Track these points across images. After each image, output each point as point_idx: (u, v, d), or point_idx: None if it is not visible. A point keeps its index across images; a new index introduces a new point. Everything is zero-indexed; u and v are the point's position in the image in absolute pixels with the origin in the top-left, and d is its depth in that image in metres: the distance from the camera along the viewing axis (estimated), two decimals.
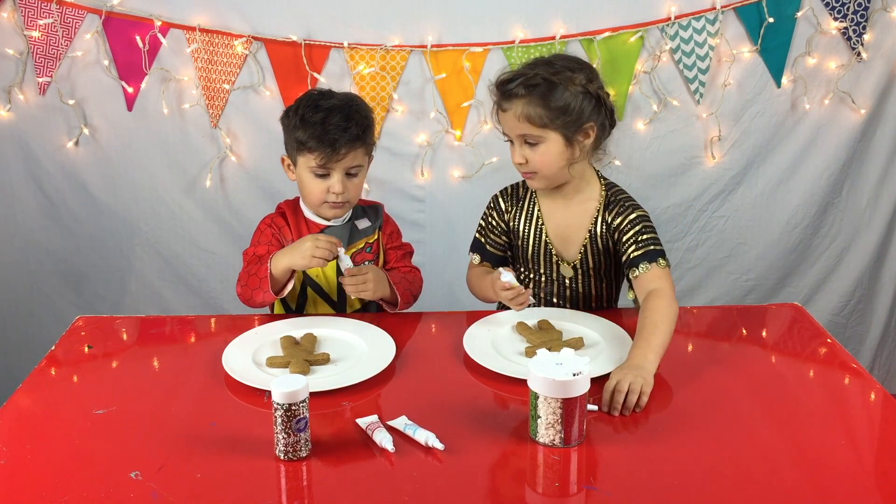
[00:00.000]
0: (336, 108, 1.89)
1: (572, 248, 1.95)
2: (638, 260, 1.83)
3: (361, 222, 2.02)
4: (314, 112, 1.89)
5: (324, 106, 1.89)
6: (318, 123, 1.87)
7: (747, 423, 1.46)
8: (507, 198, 2.01)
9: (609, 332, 1.77)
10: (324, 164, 1.88)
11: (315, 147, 1.87)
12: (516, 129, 1.84)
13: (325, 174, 1.90)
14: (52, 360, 1.72)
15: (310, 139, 1.87)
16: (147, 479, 1.30)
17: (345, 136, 1.87)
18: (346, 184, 1.91)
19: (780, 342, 1.83)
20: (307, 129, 1.88)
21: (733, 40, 2.63)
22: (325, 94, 1.96)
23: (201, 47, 2.56)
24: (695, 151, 2.72)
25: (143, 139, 2.65)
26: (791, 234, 2.82)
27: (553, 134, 1.81)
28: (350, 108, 1.90)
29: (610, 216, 1.90)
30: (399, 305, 1.95)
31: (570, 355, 1.43)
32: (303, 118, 1.89)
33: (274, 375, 1.59)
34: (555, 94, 1.79)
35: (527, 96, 1.80)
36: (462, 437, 1.41)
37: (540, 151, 1.83)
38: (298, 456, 1.36)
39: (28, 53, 2.55)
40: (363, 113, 1.93)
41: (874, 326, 2.94)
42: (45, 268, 2.76)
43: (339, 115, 1.88)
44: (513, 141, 1.87)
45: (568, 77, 1.80)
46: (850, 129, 2.73)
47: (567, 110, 1.80)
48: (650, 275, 1.80)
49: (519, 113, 1.81)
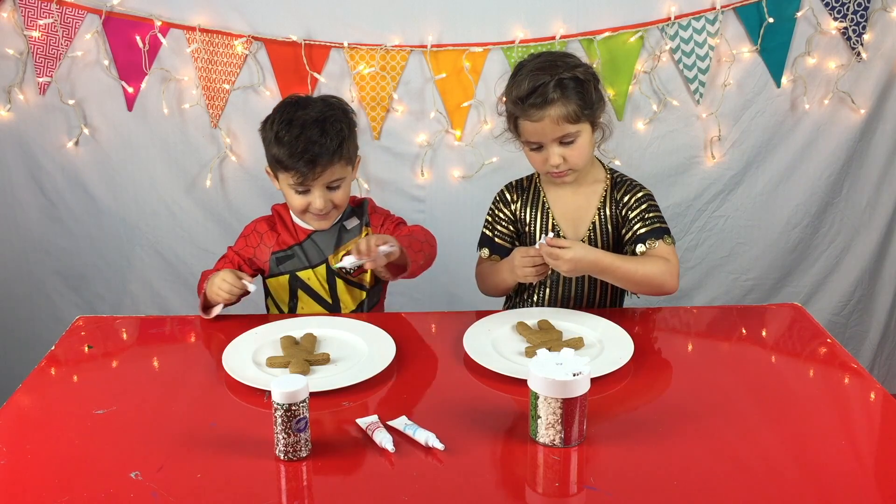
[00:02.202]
0: (310, 123, 1.84)
1: (580, 228, 1.98)
2: (645, 236, 1.90)
3: (350, 222, 2.01)
4: (288, 129, 1.85)
5: (298, 121, 1.85)
6: (291, 143, 1.83)
7: (747, 423, 1.46)
8: (513, 189, 2.04)
9: (609, 333, 1.77)
10: (301, 183, 1.86)
11: (291, 167, 1.85)
12: (554, 132, 1.85)
13: (306, 190, 1.88)
14: (52, 360, 1.72)
15: (286, 158, 1.84)
16: (147, 479, 1.31)
17: (320, 154, 1.83)
18: (327, 197, 1.89)
19: (780, 342, 1.83)
20: (281, 147, 1.84)
21: (733, 40, 2.63)
22: (300, 103, 1.91)
23: (201, 47, 2.56)
24: (695, 151, 2.73)
25: (143, 139, 2.65)
26: (791, 234, 2.82)
27: (585, 125, 1.87)
28: (325, 122, 1.85)
29: (619, 194, 1.97)
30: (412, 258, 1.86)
31: (570, 355, 1.43)
32: (277, 136, 1.85)
33: (274, 375, 1.59)
34: (584, 87, 1.85)
35: (562, 98, 1.83)
36: (462, 437, 1.41)
37: (577, 146, 1.88)
38: (298, 456, 1.36)
39: (28, 53, 2.55)
40: (340, 124, 1.88)
41: (874, 326, 2.93)
42: (45, 268, 2.76)
43: (314, 131, 1.83)
44: (541, 146, 1.88)
45: (582, 67, 1.87)
46: (849, 129, 2.73)
47: (593, 98, 1.87)
48: (657, 251, 1.89)
49: (557, 116, 1.83)
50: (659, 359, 1.72)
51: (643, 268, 1.85)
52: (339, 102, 1.96)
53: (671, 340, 1.84)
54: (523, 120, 1.87)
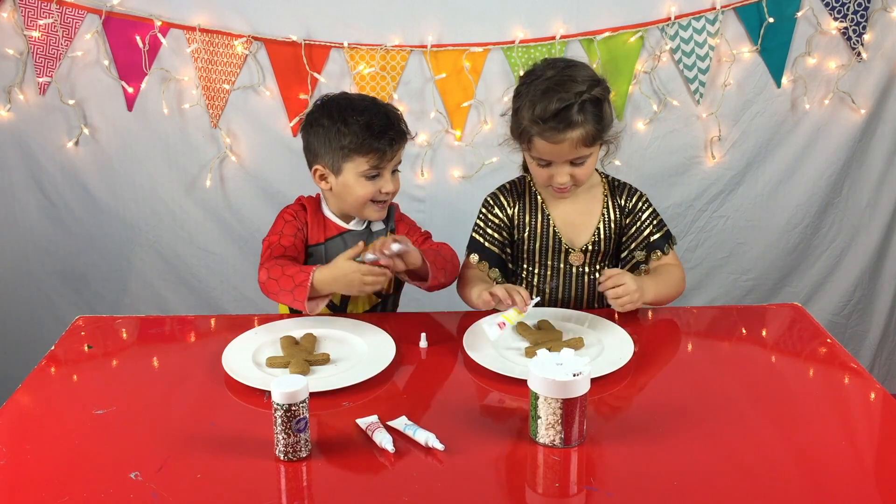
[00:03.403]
0: (372, 109, 1.89)
1: (583, 234, 1.97)
2: (658, 243, 1.97)
3: (376, 224, 2.01)
4: (357, 115, 1.86)
5: (360, 108, 1.88)
6: (366, 127, 1.85)
7: (747, 423, 1.46)
8: (508, 194, 2.02)
9: (609, 333, 1.77)
10: (377, 166, 1.88)
11: (368, 150, 1.86)
12: (570, 154, 1.83)
13: (376, 175, 1.89)
14: (52, 360, 1.72)
15: (361, 144, 1.85)
16: (147, 480, 1.30)
17: (395, 135, 1.88)
18: (393, 181, 1.93)
19: (780, 342, 1.83)
20: (356, 134, 1.85)
21: (733, 40, 2.63)
22: (348, 97, 1.94)
23: (201, 47, 2.56)
24: (695, 151, 2.73)
25: (143, 139, 2.65)
26: (791, 234, 2.82)
27: (598, 145, 1.86)
28: (385, 107, 1.92)
29: (622, 199, 1.98)
30: (432, 273, 1.88)
31: (570, 356, 1.43)
32: (346, 123, 1.86)
33: (274, 376, 1.59)
34: (602, 110, 1.82)
35: (584, 122, 1.79)
36: (462, 437, 1.41)
37: (586, 166, 1.87)
38: (298, 456, 1.36)
39: (28, 53, 2.55)
40: (394, 110, 1.94)
41: (874, 326, 2.94)
42: (45, 268, 2.76)
43: (380, 116, 1.88)
44: (549, 163, 1.86)
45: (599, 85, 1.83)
46: (850, 129, 2.73)
47: (608, 119, 1.85)
48: (668, 258, 1.97)
49: (577, 139, 1.80)
50: (659, 359, 1.72)
51: (668, 287, 1.93)
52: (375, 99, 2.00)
53: (671, 340, 1.84)
54: (539, 139, 1.82)
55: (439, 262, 1.91)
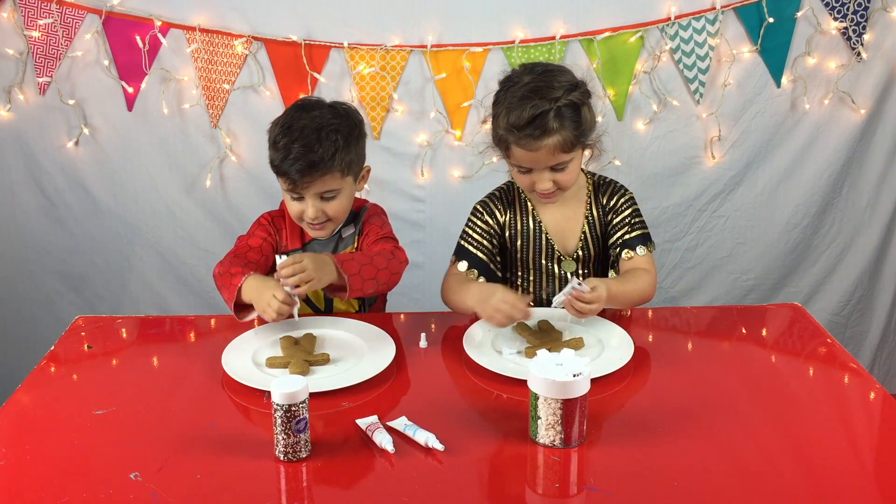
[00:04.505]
0: (309, 130, 1.80)
1: (572, 240, 1.96)
2: (630, 242, 1.91)
3: (347, 230, 1.97)
4: (285, 134, 1.82)
5: (297, 127, 1.82)
6: (286, 148, 1.81)
7: (747, 423, 1.46)
8: (497, 201, 2.00)
9: (609, 333, 1.77)
10: (293, 190, 1.84)
11: (283, 172, 1.83)
12: (548, 161, 1.81)
13: (299, 198, 1.86)
14: (52, 360, 1.72)
15: (279, 163, 1.83)
16: (147, 480, 1.30)
17: (312, 163, 1.79)
18: (320, 208, 1.85)
19: (779, 342, 1.83)
20: (277, 152, 1.83)
21: (733, 40, 2.63)
22: (306, 108, 1.87)
23: (201, 47, 2.56)
24: (695, 151, 2.73)
25: (143, 139, 2.65)
26: (791, 234, 2.82)
27: (578, 151, 1.84)
28: (323, 130, 1.81)
29: (604, 198, 1.96)
30: (351, 286, 1.76)
31: (570, 356, 1.43)
32: (275, 139, 1.84)
33: (273, 376, 1.59)
34: (580, 115, 1.80)
35: (560, 128, 1.77)
36: (462, 437, 1.41)
37: (568, 171, 1.84)
38: (298, 457, 1.36)
39: (28, 53, 2.55)
40: (337, 134, 1.82)
41: (874, 326, 2.94)
42: (45, 268, 2.76)
43: (310, 138, 1.80)
44: (530, 170, 1.84)
45: (577, 89, 1.80)
46: (849, 129, 2.73)
47: (588, 124, 1.82)
48: (637, 261, 1.90)
49: (553, 146, 1.78)
50: (659, 359, 1.72)
51: (636, 286, 1.86)
52: (348, 111, 1.90)
53: (671, 340, 1.84)
54: (516, 147, 1.81)
55: (367, 273, 1.80)
